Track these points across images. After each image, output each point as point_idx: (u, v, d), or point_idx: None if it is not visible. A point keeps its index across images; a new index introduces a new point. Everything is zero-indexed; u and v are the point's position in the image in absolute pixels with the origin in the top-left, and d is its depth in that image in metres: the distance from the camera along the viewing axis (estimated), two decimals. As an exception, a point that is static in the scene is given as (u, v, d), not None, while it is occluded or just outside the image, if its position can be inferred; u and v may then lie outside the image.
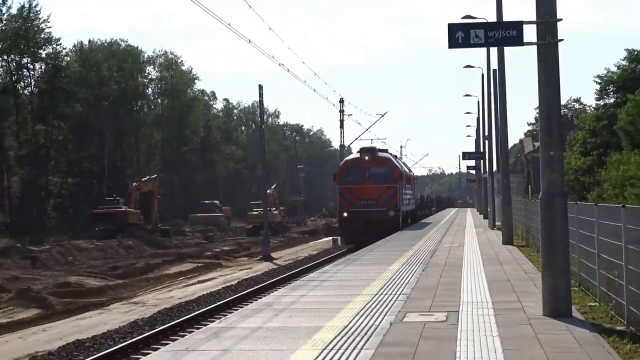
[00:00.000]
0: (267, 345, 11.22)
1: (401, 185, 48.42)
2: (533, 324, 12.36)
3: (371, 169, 46.84)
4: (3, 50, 77.13)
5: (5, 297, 28.96)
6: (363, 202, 45.21)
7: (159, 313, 24.46)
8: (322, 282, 19.66)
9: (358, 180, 46.57)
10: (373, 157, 47.67)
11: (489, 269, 21.47)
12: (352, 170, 47.56)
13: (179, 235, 69.10)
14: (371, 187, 46.02)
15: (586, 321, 12.60)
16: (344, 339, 11.49)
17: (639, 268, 11.10)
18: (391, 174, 47.31)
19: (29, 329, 23.68)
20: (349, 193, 46.32)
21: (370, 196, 45.63)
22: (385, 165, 48.18)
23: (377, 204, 45.26)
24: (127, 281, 35.41)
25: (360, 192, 45.84)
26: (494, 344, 10.79)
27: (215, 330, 12.75)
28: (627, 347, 10.53)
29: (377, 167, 47.42)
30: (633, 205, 12.52)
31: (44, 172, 79.24)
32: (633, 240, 11.36)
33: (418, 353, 10.36)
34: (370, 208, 44.93)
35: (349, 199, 46.18)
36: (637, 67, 74.52)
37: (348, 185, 46.64)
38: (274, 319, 13.65)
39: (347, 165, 48.87)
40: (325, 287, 18.34)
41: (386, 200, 45.87)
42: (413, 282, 18.57)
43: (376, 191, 45.87)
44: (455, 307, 14.31)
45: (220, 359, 10.38)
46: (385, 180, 46.58)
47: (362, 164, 47.28)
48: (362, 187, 46.16)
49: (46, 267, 41.62)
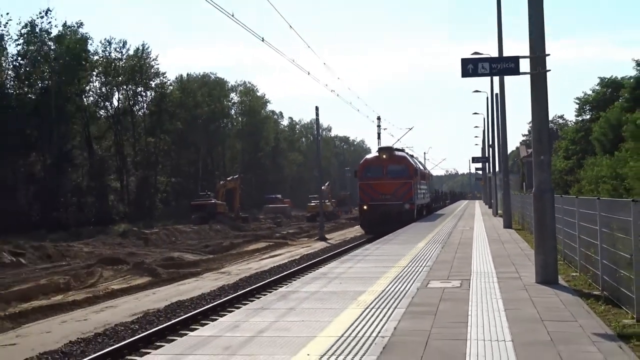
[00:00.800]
0: (322, 305, 11.28)
1: (416, 181, 43.24)
2: (528, 289, 12.32)
3: (388, 167, 42.15)
4: (124, 82, 77.94)
5: (125, 268, 29.28)
6: (381, 196, 40.71)
7: (241, 280, 24.65)
8: (365, 257, 19.67)
9: (377, 176, 41.94)
10: (390, 156, 42.95)
11: (493, 247, 21.37)
12: (372, 167, 42.76)
13: (255, 221, 69.14)
14: (388, 183, 41.39)
15: (569, 287, 12.52)
16: (381, 300, 11.51)
17: (610, 246, 11.03)
18: (406, 170, 42.30)
19: (143, 292, 23.93)
20: (368, 188, 41.74)
21: (388, 191, 41.01)
22: (401, 163, 43.11)
23: (393, 198, 40.53)
24: (216, 256, 35.63)
25: (378, 187, 41.33)
26: (497, 305, 10.75)
27: (283, 293, 12.83)
28: (602, 308, 10.47)
29: (394, 164, 42.49)
30: (604, 198, 12.46)
31: (154, 174, 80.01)
32: (605, 225, 11.28)
33: (439, 311, 10.36)
34: (387, 202, 40.34)
35: (368, 194, 41.57)
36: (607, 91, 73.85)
37: (368, 181, 41.96)
38: (328, 285, 13.70)
39: (367, 163, 43.70)
40: (367, 261, 18.36)
41: (402, 195, 41.07)
42: (434, 257, 18.54)
43: (393, 186, 41.22)
44: (467, 276, 14.27)
45: (287, 315, 10.44)
46: (401, 176, 41.84)
47: (381, 162, 42.66)
48: (381, 182, 41.50)
49: (155, 245, 42.03)
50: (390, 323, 9.50)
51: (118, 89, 78.48)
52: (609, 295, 11.01)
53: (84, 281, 26.50)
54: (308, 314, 10.41)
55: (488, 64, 14.21)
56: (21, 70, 64.98)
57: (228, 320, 10.29)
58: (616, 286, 10.60)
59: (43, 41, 65.77)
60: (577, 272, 14.20)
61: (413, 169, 42.94)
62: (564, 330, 8.83)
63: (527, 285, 12.73)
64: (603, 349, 7.82)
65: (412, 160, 46.80)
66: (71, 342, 15.07)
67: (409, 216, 40.44)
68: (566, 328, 8.97)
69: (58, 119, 63.41)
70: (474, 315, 9.90)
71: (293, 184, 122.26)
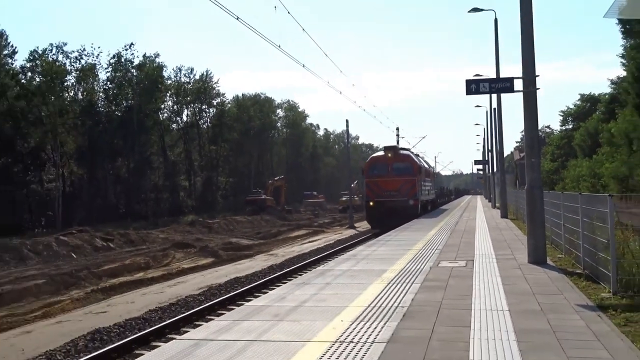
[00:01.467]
0: (353, 280, 11.25)
1: (420, 178, 37.41)
2: (521, 268, 12.19)
3: (393, 164, 36.47)
4: (191, 101, 78.86)
5: (193, 251, 29.51)
6: (386, 193, 35.47)
7: (286, 260, 24.74)
8: (387, 242, 19.58)
9: (382, 174, 36.14)
10: (395, 154, 37.35)
11: (492, 234, 21.17)
12: (377, 165, 36.96)
13: (297, 213, 69.25)
14: (393, 180, 35.73)
15: (556, 267, 12.36)
16: (401, 277, 11.46)
17: (589, 233, 10.88)
18: (411, 168, 36.62)
19: (207, 270, 24.09)
20: (374, 185, 36.25)
21: (393, 188, 35.62)
22: (405, 161, 37.35)
23: (398, 195, 35.23)
24: (266, 241, 35.77)
25: (384, 184, 35.79)
26: (496, 281, 10.65)
27: (321, 271, 12.83)
28: (583, 283, 10.33)
29: (399, 162, 36.78)
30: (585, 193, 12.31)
31: (215, 175, 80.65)
32: (585, 215, 11.14)
33: (449, 285, 10.30)
34: (392, 198, 35.17)
35: (374, 190, 36.13)
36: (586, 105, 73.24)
37: (374, 178, 36.33)
38: (357, 264, 13.67)
39: (372, 161, 37.98)
40: (388, 245, 18.26)
41: (407, 191, 35.59)
42: (444, 242, 18.41)
43: (398, 183, 35.67)
44: (471, 258, 14.15)
45: (324, 288, 10.44)
46: (406, 173, 36.11)
47: (386, 160, 36.86)
48: (386, 179, 35.84)
49: (217, 233, 42.34)
50: (408, 295, 9.47)
51: (187, 106, 79.51)
52: (589, 273, 10.86)
53: (160, 261, 26.78)
54: (341, 288, 10.40)
55: (488, 84, 14.18)
56: (110, 92, 66.03)
57: (276, 293, 10.32)
58: (595, 266, 10.47)
59: (127, 69, 66.85)
60: (562, 254, 14.02)
61: (417, 167, 37.32)
62: (552, 301, 8.73)
63: (521, 265, 12.60)
64: (585, 317, 7.73)
65: (416, 159, 40.83)
66: (150, 310, 15.26)
67: (413, 211, 35.09)
68: (553, 300, 8.87)
69: (139, 131, 64.36)
70: (477, 289, 9.82)
71: (327, 183, 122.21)
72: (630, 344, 6.47)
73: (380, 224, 34.14)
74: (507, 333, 6.93)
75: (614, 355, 6.04)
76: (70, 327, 14.45)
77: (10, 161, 50.18)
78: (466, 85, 14.02)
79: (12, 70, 55.08)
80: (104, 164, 61.47)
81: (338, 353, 6.30)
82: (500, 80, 14.93)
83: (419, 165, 37.85)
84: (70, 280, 21.16)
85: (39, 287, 19.85)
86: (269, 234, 41.02)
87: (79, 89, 62.73)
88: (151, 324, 13.34)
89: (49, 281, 20.59)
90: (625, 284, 9.34)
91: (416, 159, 39.82)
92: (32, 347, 12.50)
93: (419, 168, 37.34)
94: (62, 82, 58.00)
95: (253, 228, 46.92)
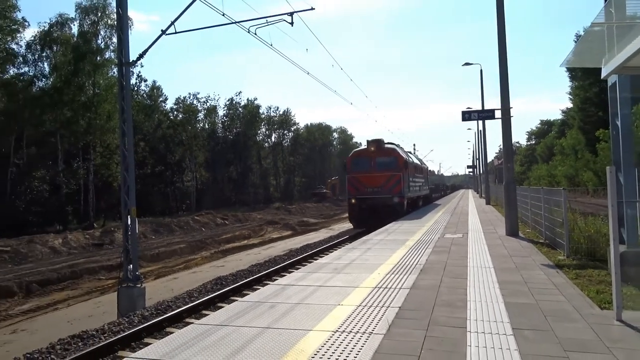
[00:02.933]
0: (385, 246, 11.13)
1: (406, 173, 23.81)
2: (501, 238, 11.82)
3: (377, 159, 23.25)
4: (277, 128, 79.65)
5: (278, 226, 29.81)
6: (369, 190, 22.80)
7: (340, 233, 24.55)
8: (410, 220, 19.30)
9: (365, 169, 23.08)
10: (379, 148, 23.60)
11: (480, 215, 20.58)
12: (359, 160, 23.49)
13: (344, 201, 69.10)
14: (377, 176, 22.89)
15: (525, 238, 11.94)
16: (418, 244, 11.27)
17: (549, 214, 10.48)
18: (395, 162, 23.19)
19: (288, 239, 24.30)
20: (356, 182, 23.06)
21: (376, 184, 22.80)
22: (390, 155, 23.61)
23: (382, 191, 22.61)
24: (326, 220, 35.83)
25: (366, 181, 22.89)
26: (484, 247, 10.36)
27: (364, 240, 12.73)
28: (545, 249, 9.94)
29: (383, 157, 23.40)
30: (545, 187, 11.90)
31: (292, 176, 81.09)
32: (546, 202, 10.75)
33: (451, 251, 10.07)
34: (375, 195, 22.64)
35: (356, 187, 23.01)
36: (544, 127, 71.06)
37: (355, 174, 23.11)
38: (388, 236, 13.51)
39: (354, 156, 24.06)
40: (409, 223, 17.97)
41: (391, 188, 22.69)
42: (447, 220, 18.03)
43: (381, 179, 22.81)
44: (466, 231, 13.81)
45: (366, 252, 10.35)
46: (390, 168, 22.99)
47: (369, 154, 23.48)
48: (369, 175, 22.91)
49: (294, 214, 42.60)
50: (423, 257, 9.30)
51: (274, 131, 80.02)
52: (549, 242, 10.47)
53: (258, 233, 27.14)
54: (378, 251, 10.31)
55: (477, 114, 13.95)
56: (225, 123, 67.22)
57: (334, 254, 10.31)
58: (553, 237, 10.09)
59: (236, 107, 67.91)
60: (529, 229, 13.56)
61: (403, 161, 23.61)
62: (523, 262, 8.43)
63: (501, 237, 12.21)
64: (547, 272, 7.44)
65: (403, 153, 25.91)
66: (252, 265, 15.47)
67: (399, 209, 22.51)
68: (524, 261, 8.57)
69: (244, 149, 65.36)
70: (471, 253, 9.58)
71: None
72: (579, 291, 6.20)
73: (363, 223, 22.83)
74: (493, 283, 6.74)
75: (569, 299, 5.80)
76: (202, 275, 14.82)
77: (163, 168, 51.72)
78: (462, 114, 13.92)
79: (164, 110, 56.90)
80: (221, 170, 62.75)
81: (378, 294, 6.25)
82: (485, 111, 14.63)
83: (405, 159, 24.40)
84: (200, 245, 21.69)
85: (182, 249, 20.43)
86: (328, 215, 41.06)
87: (206, 122, 64.18)
88: (252, 274, 13.52)
89: (187, 246, 21.17)
90: (575, 250, 9.03)
91: (403, 154, 25.68)
92: (177, 288, 12.88)
93: (405, 162, 23.87)
94: (195, 117, 59.51)
95: (318, 211, 47.03)
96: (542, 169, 51.16)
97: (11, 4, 32.39)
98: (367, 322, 5.03)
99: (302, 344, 4.42)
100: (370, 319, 5.12)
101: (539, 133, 72.49)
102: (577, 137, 45.23)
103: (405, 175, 23.49)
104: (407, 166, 24.34)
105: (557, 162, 47.40)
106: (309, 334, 4.67)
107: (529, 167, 64.12)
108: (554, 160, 49.47)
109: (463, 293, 6.19)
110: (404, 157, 24.27)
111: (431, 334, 4.59)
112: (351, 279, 7.34)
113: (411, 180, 25.61)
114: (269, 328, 4.90)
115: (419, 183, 29.31)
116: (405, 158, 24.53)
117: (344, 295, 6.22)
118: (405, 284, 6.82)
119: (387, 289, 6.52)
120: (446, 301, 5.80)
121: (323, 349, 4.27)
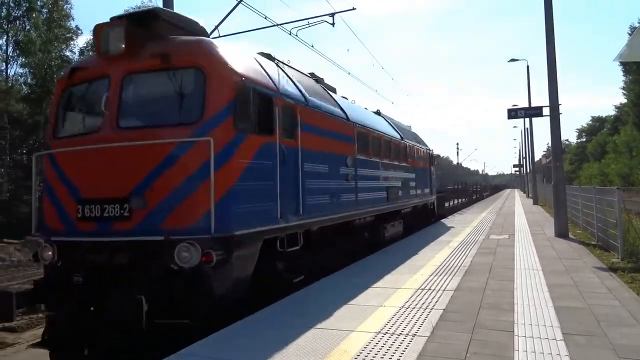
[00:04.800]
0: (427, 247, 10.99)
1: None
2: (550, 240, 11.44)
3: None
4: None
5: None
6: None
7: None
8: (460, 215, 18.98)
9: None
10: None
11: (527, 216, 19.95)
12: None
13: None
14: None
15: (576, 239, 11.50)
16: (462, 244, 11.07)
17: (601, 214, 10.08)
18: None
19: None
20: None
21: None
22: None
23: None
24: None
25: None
26: (532, 249, 10.06)
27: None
28: (597, 252, 9.58)
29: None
30: (598, 187, 11.43)
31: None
32: (598, 202, 10.34)
33: (496, 252, 9.83)
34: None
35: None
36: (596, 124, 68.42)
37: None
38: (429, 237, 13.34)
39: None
40: (453, 222, 17.69)
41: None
42: (492, 220, 17.59)
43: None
44: (512, 232, 13.43)
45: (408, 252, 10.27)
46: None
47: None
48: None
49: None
50: (468, 258, 9.12)
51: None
52: (602, 244, 10.05)
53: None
54: (420, 252, 10.16)
55: (524, 111, 13.59)
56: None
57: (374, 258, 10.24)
58: (606, 239, 9.68)
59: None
60: (580, 230, 13.04)
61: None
62: (574, 264, 8.12)
63: (549, 238, 11.80)
64: (599, 275, 7.14)
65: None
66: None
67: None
68: (575, 263, 8.25)
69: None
70: (518, 255, 9.31)
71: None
72: (635, 295, 5.92)
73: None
74: (541, 285, 6.53)
75: (623, 303, 5.54)
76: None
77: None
78: (508, 112, 13.58)
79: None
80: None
81: (421, 295, 6.18)
82: (532, 108, 14.22)
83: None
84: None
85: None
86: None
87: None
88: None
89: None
90: (630, 252, 8.64)
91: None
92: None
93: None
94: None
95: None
96: (593, 168, 49.12)
97: (66, 14, 34.13)
98: (411, 323, 4.99)
99: (345, 344, 4.44)
100: (414, 321, 5.07)
101: (589, 130, 69.58)
102: (632, 133, 43.32)
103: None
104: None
105: (609, 160, 45.48)
106: (352, 335, 4.68)
107: (579, 165, 61.68)
108: (607, 158, 47.52)
109: (510, 296, 6.02)
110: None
111: (476, 337, 4.50)
112: (393, 279, 7.29)
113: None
114: (312, 328, 4.95)
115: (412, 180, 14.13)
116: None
117: (386, 297, 6.19)
118: (450, 286, 6.70)
119: (431, 291, 6.43)
120: (492, 304, 5.66)
121: (366, 350, 4.27)
